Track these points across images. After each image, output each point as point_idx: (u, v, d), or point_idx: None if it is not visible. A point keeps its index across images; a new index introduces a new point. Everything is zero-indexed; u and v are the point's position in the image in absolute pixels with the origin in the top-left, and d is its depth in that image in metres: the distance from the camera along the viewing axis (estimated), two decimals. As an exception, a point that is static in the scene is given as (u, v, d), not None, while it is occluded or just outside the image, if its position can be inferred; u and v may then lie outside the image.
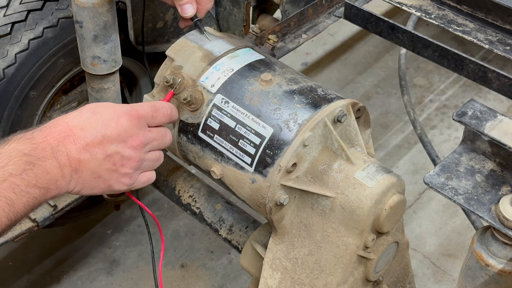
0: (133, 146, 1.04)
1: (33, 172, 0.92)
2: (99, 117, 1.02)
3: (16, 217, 0.91)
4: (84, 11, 1.35)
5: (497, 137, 1.05)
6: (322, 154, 1.16)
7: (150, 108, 1.08)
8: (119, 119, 1.03)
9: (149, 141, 1.07)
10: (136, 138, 1.04)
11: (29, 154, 0.93)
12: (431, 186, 1.07)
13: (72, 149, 0.98)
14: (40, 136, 0.96)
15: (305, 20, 1.76)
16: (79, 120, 1.00)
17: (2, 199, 0.88)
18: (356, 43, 3.22)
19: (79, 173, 0.99)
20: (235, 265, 2.24)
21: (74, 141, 0.98)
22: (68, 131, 0.98)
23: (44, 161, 0.94)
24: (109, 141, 1.01)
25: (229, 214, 1.49)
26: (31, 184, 0.92)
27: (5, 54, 1.58)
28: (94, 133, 1.00)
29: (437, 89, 2.97)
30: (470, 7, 1.35)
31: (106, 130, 1.01)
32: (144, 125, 1.06)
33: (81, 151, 0.98)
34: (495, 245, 1.04)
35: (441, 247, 2.34)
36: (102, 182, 1.03)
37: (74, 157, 0.98)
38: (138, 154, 1.05)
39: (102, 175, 1.02)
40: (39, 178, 0.93)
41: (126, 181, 1.06)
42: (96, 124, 1.01)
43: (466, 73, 1.26)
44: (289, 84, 1.19)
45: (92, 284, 2.19)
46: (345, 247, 1.16)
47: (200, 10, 1.27)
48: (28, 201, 0.92)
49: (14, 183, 0.90)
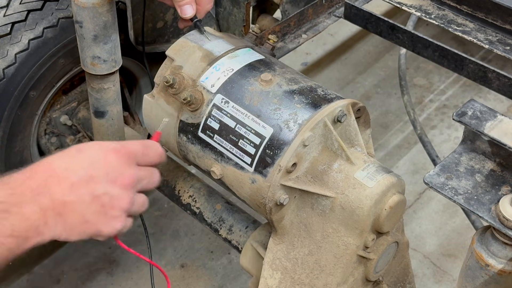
0: (123, 185, 0.94)
1: (8, 221, 0.83)
2: (85, 154, 0.93)
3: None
4: (84, 11, 1.35)
5: (497, 137, 1.05)
6: (322, 154, 1.16)
7: (140, 145, 1.00)
8: (107, 156, 0.94)
9: (139, 180, 0.98)
10: (126, 176, 0.95)
11: (3, 202, 0.84)
12: (431, 186, 1.07)
13: (56, 191, 0.88)
14: (19, 179, 0.88)
15: (305, 20, 1.76)
16: (63, 160, 0.91)
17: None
18: (356, 43, 3.22)
19: (64, 217, 0.89)
20: (235, 265, 2.24)
21: (59, 181, 0.89)
22: (51, 171, 0.89)
23: (21, 207, 0.85)
24: (97, 181, 0.92)
25: (229, 214, 1.49)
26: (6, 234, 0.83)
27: (5, 54, 1.58)
28: (80, 172, 0.91)
29: (437, 89, 2.97)
30: (470, 7, 1.35)
31: (93, 169, 0.92)
32: (133, 163, 0.97)
33: (66, 192, 0.89)
34: (495, 245, 1.04)
35: (441, 247, 2.34)
36: (90, 227, 0.93)
37: (58, 199, 0.88)
38: (128, 194, 0.95)
39: (90, 219, 0.92)
40: (16, 226, 0.84)
41: (116, 224, 0.95)
42: (82, 163, 0.92)
43: (466, 73, 1.26)
44: (289, 84, 1.19)
45: (92, 284, 2.18)
46: (345, 247, 1.16)
47: (200, 11, 1.27)
48: (2, 253, 0.83)
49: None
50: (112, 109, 1.54)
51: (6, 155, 1.69)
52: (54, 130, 1.83)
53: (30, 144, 1.76)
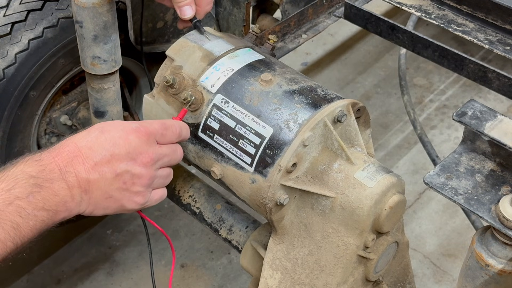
0: (143, 164, 1.02)
1: (41, 195, 0.90)
2: (107, 135, 1.00)
3: (22, 241, 0.89)
4: (84, 11, 1.35)
5: (497, 137, 1.05)
6: (322, 154, 1.16)
7: (160, 125, 1.07)
8: (127, 136, 1.01)
9: (160, 157, 1.05)
10: (145, 155, 1.02)
11: (36, 177, 0.91)
12: (431, 186, 1.07)
13: (80, 170, 0.96)
14: (48, 157, 0.95)
15: (305, 20, 1.76)
16: (87, 140, 0.99)
17: (7, 223, 0.86)
18: (356, 43, 3.22)
19: (89, 193, 0.97)
20: (235, 265, 2.24)
21: (83, 161, 0.97)
22: (77, 152, 0.97)
23: (51, 183, 0.92)
24: (118, 160, 0.99)
25: (229, 214, 1.49)
26: (38, 207, 0.90)
27: (5, 54, 1.58)
28: (102, 152, 0.98)
29: (437, 89, 2.97)
30: (470, 7, 1.35)
31: (115, 149, 0.99)
32: (153, 142, 1.04)
33: (90, 171, 0.97)
34: (495, 245, 1.04)
35: (441, 247, 2.34)
36: (114, 202, 1.01)
37: (83, 178, 0.96)
38: (148, 171, 1.03)
39: (113, 195, 1.00)
40: (47, 200, 0.91)
41: (139, 199, 1.04)
42: (104, 143, 0.99)
43: (466, 73, 1.26)
44: (289, 84, 1.19)
45: (92, 284, 2.18)
46: (345, 247, 1.16)
47: (199, 12, 1.27)
48: (36, 225, 0.90)
49: (21, 206, 0.88)
50: (112, 109, 1.54)
51: (6, 155, 1.69)
52: (54, 130, 1.83)
53: (30, 144, 1.76)
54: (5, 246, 0.86)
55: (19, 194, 0.88)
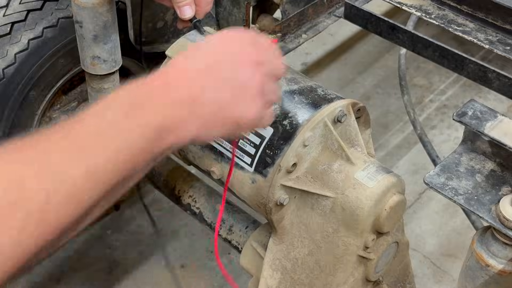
0: (250, 64, 0.90)
1: (138, 119, 0.80)
2: (204, 47, 0.92)
3: (132, 164, 0.78)
4: (84, 11, 1.35)
5: (497, 137, 1.04)
6: (322, 154, 1.16)
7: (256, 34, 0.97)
8: (228, 43, 0.92)
9: (264, 60, 0.92)
10: (250, 54, 0.91)
11: (131, 95, 0.82)
12: (431, 186, 1.06)
13: (182, 84, 0.85)
14: (148, 80, 0.85)
15: (305, 20, 1.76)
16: (183, 57, 0.90)
17: (105, 151, 0.75)
18: (356, 43, 3.22)
19: (197, 109, 0.85)
20: (235, 265, 2.24)
21: (183, 75, 0.86)
22: (173, 69, 0.88)
23: (151, 100, 0.82)
24: (221, 66, 0.89)
25: (229, 214, 1.49)
26: (142, 124, 0.79)
27: (5, 54, 1.58)
28: (204, 61, 0.89)
29: (437, 89, 2.97)
30: (470, 7, 1.35)
31: (216, 56, 0.89)
32: (254, 44, 0.93)
33: (193, 83, 0.86)
34: (495, 245, 1.04)
35: (441, 247, 2.34)
36: (226, 116, 0.88)
37: (186, 92, 0.85)
38: (256, 76, 0.90)
39: (225, 107, 0.88)
40: (152, 118, 0.81)
41: (255, 106, 0.89)
42: (204, 55, 0.90)
43: (466, 73, 1.26)
44: (289, 84, 1.19)
45: (92, 284, 2.18)
46: (345, 247, 1.16)
47: (199, 12, 1.27)
48: (142, 146, 0.79)
49: (119, 127, 0.78)
50: (112, 109, 1.53)
51: (6, 155, 1.69)
52: (54, 130, 1.83)
53: (30, 144, 1.76)
54: (105, 177, 0.75)
55: (113, 117, 0.78)
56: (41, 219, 0.68)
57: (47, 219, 0.68)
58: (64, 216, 0.70)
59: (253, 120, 0.90)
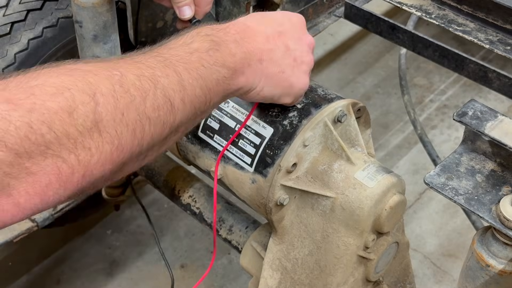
0: (307, 44, 1.04)
1: (219, 52, 0.88)
2: (272, 15, 1.02)
3: (210, 94, 0.86)
4: (83, 11, 1.35)
5: (498, 137, 1.04)
6: (322, 154, 1.16)
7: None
8: (291, 18, 1.04)
9: (314, 47, 1.07)
10: (308, 38, 1.05)
11: (212, 35, 0.90)
12: (431, 186, 1.06)
13: (253, 40, 0.95)
14: (221, 27, 0.94)
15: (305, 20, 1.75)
16: (253, 19, 0.99)
17: (193, 70, 0.83)
18: (356, 43, 3.22)
19: (263, 64, 0.96)
20: (235, 265, 2.24)
21: (254, 33, 0.96)
22: (246, 27, 0.96)
23: (228, 43, 0.91)
24: (287, 37, 1.00)
25: (229, 214, 1.49)
26: (219, 62, 0.88)
27: (5, 54, 1.58)
28: (272, 28, 0.99)
29: (438, 89, 2.97)
30: (470, 7, 1.35)
31: (282, 27, 1.01)
32: (305, 28, 1.07)
33: (263, 41, 0.97)
34: (496, 245, 1.03)
35: (441, 247, 2.34)
36: (285, 78, 1.01)
37: (256, 47, 0.95)
38: (310, 53, 1.05)
39: (285, 70, 1.00)
40: (225, 58, 0.89)
41: (305, 80, 1.04)
42: (271, 22, 1.00)
43: (467, 73, 1.26)
44: (289, 84, 1.19)
45: (92, 284, 2.18)
46: (345, 248, 1.16)
47: (198, 12, 1.27)
48: (219, 79, 0.87)
49: (202, 57, 0.85)
50: (112, 109, 1.53)
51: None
52: (54, 130, 1.83)
53: (29, 144, 1.76)
54: (194, 91, 0.82)
55: (199, 48, 0.86)
56: (136, 119, 0.73)
57: (143, 113, 0.73)
58: (155, 121, 0.75)
59: (300, 90, 1.05)
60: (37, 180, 0.63)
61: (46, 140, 0.64)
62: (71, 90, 0.67)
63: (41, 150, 0.63)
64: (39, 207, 0.65)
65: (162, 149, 0.82)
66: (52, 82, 0.67)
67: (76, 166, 0.66)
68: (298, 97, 1.08)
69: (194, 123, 0.87)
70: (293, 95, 1.06)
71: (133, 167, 0.77)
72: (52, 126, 0.64)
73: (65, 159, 0.65)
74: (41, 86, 0.66)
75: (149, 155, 0.79)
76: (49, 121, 0.64)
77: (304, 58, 1.03)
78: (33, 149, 0.63)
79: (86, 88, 0.69)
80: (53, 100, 0.65)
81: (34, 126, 0.63)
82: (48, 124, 0.64)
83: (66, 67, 0.72)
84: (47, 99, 0.65)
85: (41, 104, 0.65)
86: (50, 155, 0.64)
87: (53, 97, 0.66)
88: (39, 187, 0.64)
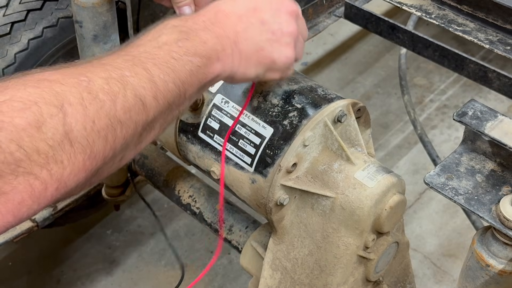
0: (287, 12, 0.99)
1: (189, 42, 0.85)
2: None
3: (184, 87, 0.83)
4: (83, 11, 1.35)
5: (498, 137, 1.04)
6: (322, 154, 1.16)
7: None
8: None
9: (299, 14, 1.03)
10: (289, 5, 1.00)
11: (180, 25, 0.87)
12: (431, 186, 1.06)
13: (226, 22, 0.92)
14: (190, 16, 0.92)
15: (305, 20, 1.75)
16: (227, 1, 0.96)
17: (163, 64, 0.80)
18: (356, 43, 3.22)
19: (239, 45, 0.93)
20: (235, 265, 2.24)
21: (227, 15, 0.93)
22: (216, 11, 0.93)
23: (197, 32, 0.88)
24: (262, 11, 0.96)
25: (229, 214, 1.49)
26: (190, 52, 0.85)
27: (5, 54, 1.58)
28: (244, 5, 0.96)
29: (438, 89, 2.97)
30: (470, 7, 1.35)
31: (255, 2, 0.97)
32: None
33: (236, 22, 0.93)
34: (496, 245, 1.03)
35: (441, 247, 2.34)
36: (265, 55, 0.96)
37: (230, 29, 0.92)
38: (293, 21, 1.00)
39: (263, 46, 0.96)
40: (197, 47, 0.86)
41: (289, 52, 0.99)
42: (245, 1, 0.97)
43: (467, 73, 1.26)
44: (289, 84, 1.19)
45: (92, 284, 2.18)
46: (345, 247, 1.16)
47: None
48: (192, 70, 0.84)
49: (171, 50, 0.83)
50: (112, 109, 1.53)
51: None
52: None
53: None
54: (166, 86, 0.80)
55: (167, 40, 0.84)
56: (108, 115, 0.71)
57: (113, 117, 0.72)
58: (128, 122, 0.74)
59: (285, 64, 1.00)
60: (10, 199, 0.62)
61: (16, 158, 0.62)
62: (38, 103, 0.66)
63: (12, 168, 0.62)
64: (12, 224, 0.65)
65: (140, 147, 0.81)
66: (19, 97, 0.65)
67: (49, 181, 0.65)
68: (286, 70, 1.02)
69: (171, 117, 0.85)
70: (278, 70, 1.01)
71: (110, 169, 0.76)
72: (21, 143, 0.63)
73: (37, 175, 0.64)
74: (8, 102, 0.64)
75: (126, 155, 0.78)
76: (18, 138, 0.63)
77: (285, 29, 0.98)
78: (3, 169, 0.62)
79: (53, 99, 0.67)
80: (21, 116, 0.64)
81: (3, 145, 0.62)
82: (17, 142, 0.63)
83: (33, 78, 0.69)
84: (15, 115, 0.64)
85: (9, 121, 0.63)
86: (21, 173, 0.63)
87: (20, 113, 0.64)
88: (12, 205, 0.63)
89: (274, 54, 0.98)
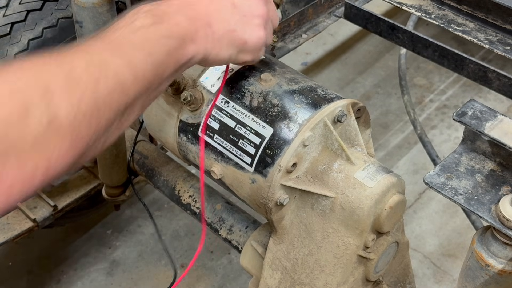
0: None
1: (163, 25, 0.88)
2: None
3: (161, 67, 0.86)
4: (84, 11, 1.35)
5: (497, 137, 1.04)
6: (322, 154, 1.16)
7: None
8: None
9: (269, 1, 1.05)
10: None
11: (153, 9, 0.89)
12: (431, 186, 1.06)
13: (198, 5, 0.95)
14: (163, 0, 0.94)
15: (305, 20, 1.76)
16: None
17: (140, 47, 0.83)
18: (356, 43, 3.22)
19: (212, 27, 0.96)
20: (235, 265, 2.24)
21: (198, 0, 0.96)
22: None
23: (170, 15, 0.90)
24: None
25: (229, 214, 1.49)
26: (164, 34, 0.87)
27: (5, 54, 1.58)
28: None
29: (437, 89, 2.97)
30: (470, 7, 1.35)
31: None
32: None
33: (207, 4, 0.96)
34: (495, 245, 1.04)
35: (441, 247, 2.34)
36: (236, 36, 1.00)
37: (201, 11, 0.95)
38: (263, 5, 1.03)
39: (236, 28, 0.99)
40: (170, 30, 0.88)
41: (261, 33, 1.03)
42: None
43: (466, 73, 1.26)
44: (289, 84, 1.19)
45: (92, 284, 2.19)
46: (345, 247, 1.16)
47: None
48: (170, 51, 0.87)
49: (147, 33, 0.85)
50: (112, 109, 1.53)
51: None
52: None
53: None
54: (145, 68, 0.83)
55: (142, 24, 0.86)
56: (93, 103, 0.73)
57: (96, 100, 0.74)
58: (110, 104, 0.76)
59: (256, 45, 1.03)
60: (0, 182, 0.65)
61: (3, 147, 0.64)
62: (23, 90, 0.68)
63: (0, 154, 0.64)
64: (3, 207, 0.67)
65: (122, 127, 0.83)
66: (4, 87, 0.67)
67: (38, 166, 0.67)
68: (257, 52, 1.05)
69: (151, 98, 0.88)
70: (250, 52, 1.04)
71: (95, 151, 0.79)
72: (8, 132, 0.65)
73: (25, 162, 0.66)
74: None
75: (109, 137, 0.80)
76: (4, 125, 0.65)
77: (255, 11, 1.02)
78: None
79: (38, 86, 0.69)
80: (6, 103, 0.66)
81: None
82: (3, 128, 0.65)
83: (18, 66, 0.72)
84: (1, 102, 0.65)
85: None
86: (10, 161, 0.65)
87: (6, 100, 0.66)
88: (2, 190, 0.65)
89: (245, 35, 1.01)
